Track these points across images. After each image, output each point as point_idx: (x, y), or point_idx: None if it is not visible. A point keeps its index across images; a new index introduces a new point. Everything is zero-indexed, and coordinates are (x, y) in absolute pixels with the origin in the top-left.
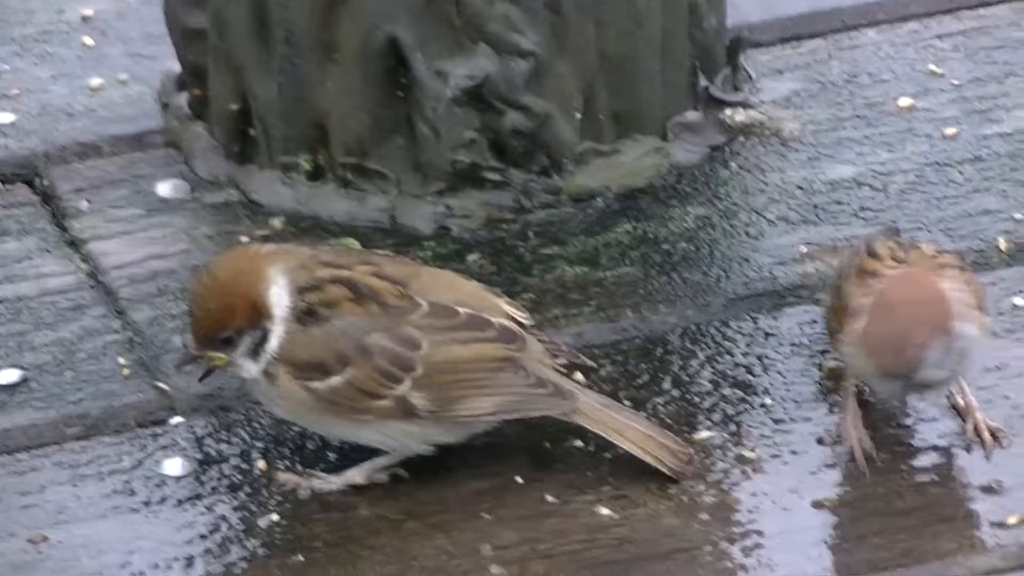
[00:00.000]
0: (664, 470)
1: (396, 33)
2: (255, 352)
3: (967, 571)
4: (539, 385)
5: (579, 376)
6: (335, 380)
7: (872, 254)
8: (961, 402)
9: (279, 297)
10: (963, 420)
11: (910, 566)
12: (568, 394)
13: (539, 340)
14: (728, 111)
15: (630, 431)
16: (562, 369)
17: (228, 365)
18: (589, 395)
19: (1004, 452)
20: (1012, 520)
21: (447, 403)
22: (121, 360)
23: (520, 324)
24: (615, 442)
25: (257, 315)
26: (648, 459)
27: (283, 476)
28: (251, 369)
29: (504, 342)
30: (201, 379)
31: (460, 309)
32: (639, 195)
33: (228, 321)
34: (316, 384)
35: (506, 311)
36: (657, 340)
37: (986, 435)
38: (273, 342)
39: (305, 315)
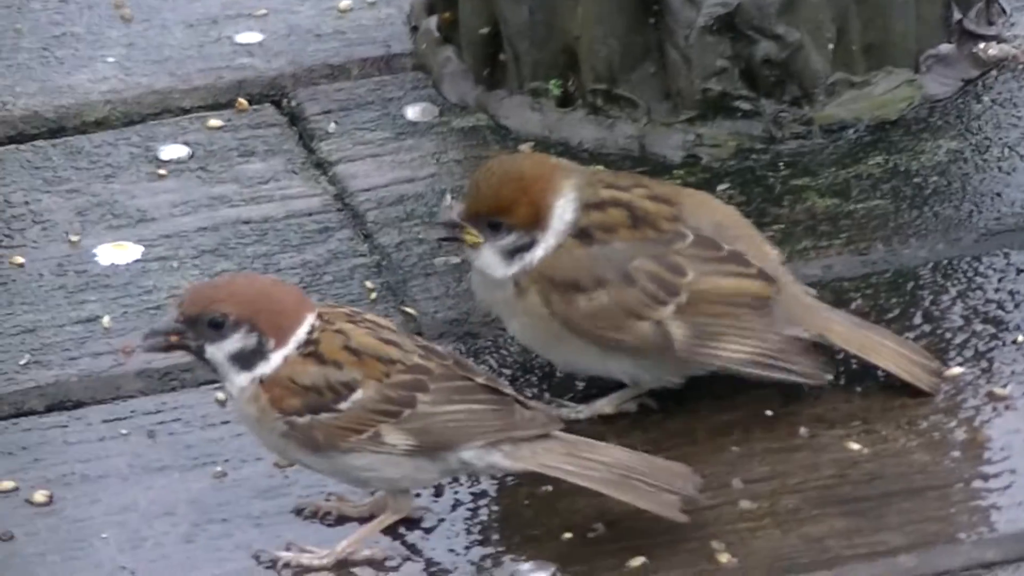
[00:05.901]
0: (920, 386)
1: None
2: (512, 253)
3: None
4: (790, 343)
5: None
6: (597, 300)
7: None
8: None
9: (563, 211)
10: None
11: None
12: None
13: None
14: (982, 44)
15: (884, 349)
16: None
17: (475, 248)
18: (840, 315)
19: None
20: None
21: (705, 338)
22: (368, 284)
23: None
24: (870, 360)
25: (534, 222)
26: (904, 376)
27: None
28: (497, 268)
29: (764, 280)
30: (436, 239)
31: (724, 245)
32: (890, 127)
33: (505, 213)
34: (580, 302)
35: (763, 244)
36: (908, 274)
37: None
38: (538, 252)
39: (581, 234)
